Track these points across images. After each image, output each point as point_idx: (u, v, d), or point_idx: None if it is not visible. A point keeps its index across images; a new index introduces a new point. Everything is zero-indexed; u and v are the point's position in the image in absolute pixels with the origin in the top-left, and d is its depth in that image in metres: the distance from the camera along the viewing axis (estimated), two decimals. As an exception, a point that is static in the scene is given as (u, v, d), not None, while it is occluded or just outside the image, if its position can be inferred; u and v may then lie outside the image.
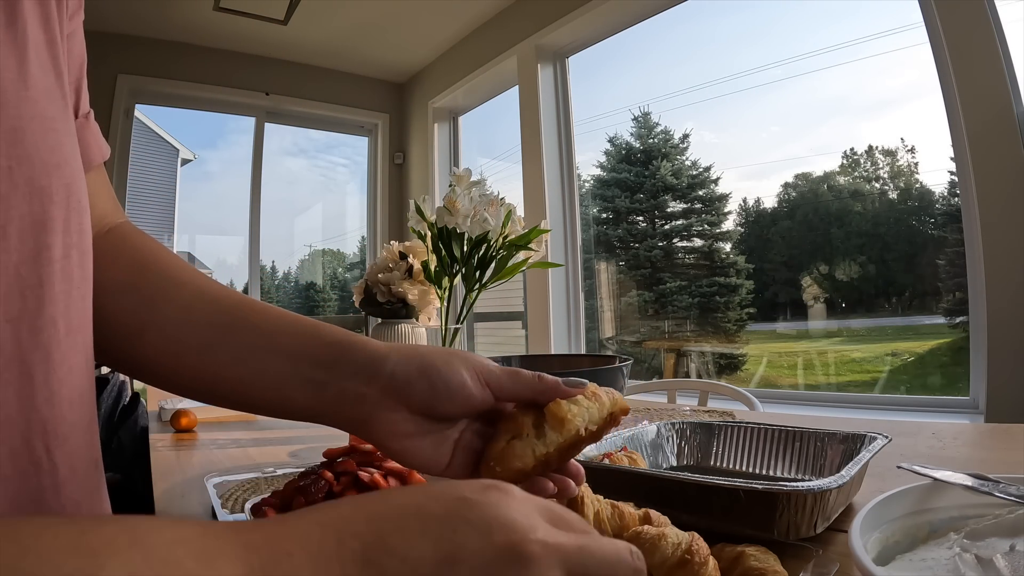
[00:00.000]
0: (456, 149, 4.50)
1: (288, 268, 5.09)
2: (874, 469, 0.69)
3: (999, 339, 1.96)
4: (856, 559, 0.30)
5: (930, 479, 0.41)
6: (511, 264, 1.11)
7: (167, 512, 0.71)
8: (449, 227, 0.98)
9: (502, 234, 1.08)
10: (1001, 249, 1.97)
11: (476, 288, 1.12)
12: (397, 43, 4.15)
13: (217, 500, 0.67)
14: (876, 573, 0.28)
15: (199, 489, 0.75)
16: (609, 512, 0.45)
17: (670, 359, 3.41)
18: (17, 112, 0.34)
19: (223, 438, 1.11)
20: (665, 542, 0.39)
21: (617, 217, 3.62)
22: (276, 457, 0.96)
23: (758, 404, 1.50)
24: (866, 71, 2.66)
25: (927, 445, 0.91)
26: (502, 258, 1.11)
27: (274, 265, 4.96)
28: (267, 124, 4.39)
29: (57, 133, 0.37)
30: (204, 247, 4.68)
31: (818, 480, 0.51)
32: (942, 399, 2.38)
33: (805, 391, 2.99)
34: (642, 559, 0.30)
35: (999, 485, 0.39)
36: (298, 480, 0.59)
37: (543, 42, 3.42)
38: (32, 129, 0.35)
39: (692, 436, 0.83)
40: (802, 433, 0.76)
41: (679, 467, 0.81)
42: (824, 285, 3.09)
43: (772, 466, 0.76)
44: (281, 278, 5.06)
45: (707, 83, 3.22)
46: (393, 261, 1.32)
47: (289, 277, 5.11)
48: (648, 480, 0.61)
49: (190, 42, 3.94)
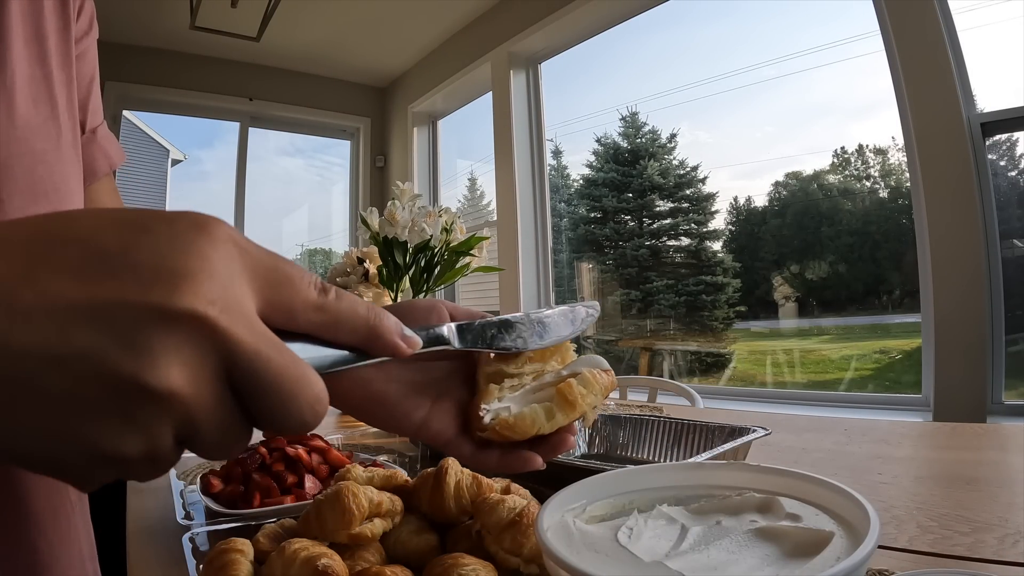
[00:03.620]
0: (435, 152, 4.57)
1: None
2: (757, 456, 0.77)
3: (945, 339, 2.02)
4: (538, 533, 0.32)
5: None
6: (455, 268, 1.20)
7: (136, 486, 0.79)
8: (390, 236, 1.07)
9: (445, 241, 1.17)
10: (946, 248, 2.03)
11: (424, 291, 1.20)
12: (377, 49, 4.22)
13: (173, 472, 0.76)
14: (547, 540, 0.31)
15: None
16: (468, 481, 0.48)
17: (645, 357, 3.47)
18: (7, 151, 0.39)
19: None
20: (502, 506, 0.44)
21: (605, 216, 3.68)
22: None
23: (699, 400, 1.59)
24: (856, 71, 2.68)
25: (833, 441, 0.98)
26: (447, 262, 1.20)
27: (265, 265, 5.01)
28: (251, 128, 4.45)
29: (47, 165, 0.42)
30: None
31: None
32: (898, 397, 2.46)
33: (774, 388, 3.06)
34: (326, 399, 0.25)
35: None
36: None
37: (515, 49, 3.50)
38: (22, 165, 0.40)
39: (602, 427, 0.91)
40: (695, 426, 0.83)
41: (588, 455, 0.89)
42: (811, 283, 3.14)
43: (667, 454, 0.84)
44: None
45: (697, 83, 3.27)
46: (351, 266, 1.40)
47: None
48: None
49: (174, 49, 4.01)
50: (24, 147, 0.40)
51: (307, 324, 0.26)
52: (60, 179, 0.43)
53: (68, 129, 0.45)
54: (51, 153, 0.42)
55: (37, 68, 0.42)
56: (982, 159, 2.02)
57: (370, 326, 0.28)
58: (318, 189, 5.32)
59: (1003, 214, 2.07)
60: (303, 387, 0.24)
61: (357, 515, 0.42)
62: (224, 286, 0.22)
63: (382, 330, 0.28)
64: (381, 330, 0.28)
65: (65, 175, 0.44)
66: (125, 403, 0.20)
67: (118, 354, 0.20)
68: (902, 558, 0.48)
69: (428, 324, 0.35)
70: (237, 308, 0.22)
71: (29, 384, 0.20)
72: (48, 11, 0.45)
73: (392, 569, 0.41)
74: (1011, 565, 0.46)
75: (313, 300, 0.26)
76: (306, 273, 0.26)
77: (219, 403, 0.22)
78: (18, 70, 0.40)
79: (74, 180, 0.46)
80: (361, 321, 0.28)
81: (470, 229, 1.33)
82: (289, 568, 0.39)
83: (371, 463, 0.74)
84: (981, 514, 0.57)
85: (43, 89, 0.43)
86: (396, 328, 0.29)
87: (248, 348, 0.22)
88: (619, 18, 3.20)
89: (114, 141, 0.57)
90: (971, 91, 2.08)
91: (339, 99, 4.70)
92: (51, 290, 0.20)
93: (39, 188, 0.41)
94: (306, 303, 0.26)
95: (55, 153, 0.43)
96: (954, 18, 2.08)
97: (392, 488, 0.48)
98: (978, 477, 0.71)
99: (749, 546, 0.31)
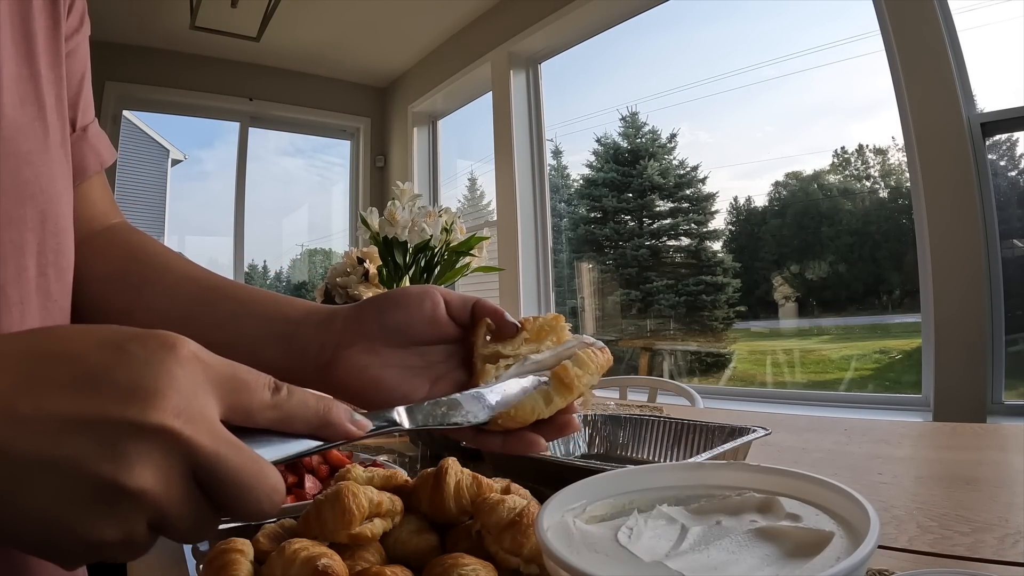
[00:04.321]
0: (435, 152, 4.57)
1: (280, 268, 5.17)
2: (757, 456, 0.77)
3: (945, 339, 2.02)
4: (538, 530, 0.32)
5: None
6: (455, 268, 1.20)
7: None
8: (390, 236, 1.07)
9: (445, 241, 1.17)
10: (946, 248, 2.03)
11: (424, 291, 1.20)
12: (377, 49, 4.22)
13: None
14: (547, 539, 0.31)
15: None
16: (468, 482, 0.48)
17: (645, 357, 3.47)
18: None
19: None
20: (502, 506, 0.44)
21: (605, 216, 3.68)
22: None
23: (699, 400, 1.59)
24: (856, 71, 2.69)
25: (833, 441, 0.98)
26: (447, 262, 1.20)
27: (266, 265, 5.03)
28: (251, 128, 4.45)
29: (33, 166, 0.42)
30: (194, 247, 4.74)
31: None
32: (898, 397, 2.46)
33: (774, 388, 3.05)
34: (282, 488, 0.28)
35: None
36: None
37: (515, 49, 3.50)
38: (7, 166, 0.40)
39: (603, 427, 0.91)
40: (695, 426, 0.83)
41: (588, 455, 0.89)
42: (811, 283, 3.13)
43: (667, 454, 0.84)
44: (273, 278, 5.12)
45: (697, 83, 3.27)
46: (351, 266, 1.40)
47: (281, 277, 5.17)
48: (535, 463, 0.69)
49: (174, 49, 4.01)
50: (10, 148, 0.40)
51: (264, 421, 0.29)
52: (47, 181, 0.43)
53: (56, 130, 0.45)
54: (38, 154, 0.42)
55: (24, 67, 0.42)
56: (982, 159, 2.02)
57: (320, 416, 0.31)
58: (318, 189, 5.33)
59: (1003, 214, 2.07)
60: (260, 480, 0.27)
61: (357, 515, 0.42)
62: (188, 399, 0.25)
63: (332, 419, 0.31)
64: (331, 418, 0.31)
65: (52, 176, 0.44)
66: (105, 499, 0.24)
67: (100, 459, 0.24)
68: (902, 558, 0.48)
69: (379, 410, 0.36)
70: (200, 417, 0.26)
71: (27, 482, 0.23)
72: (37, 9, 0.44)
73: (392, 569, 0.40)
74: (1011, 565, 0.46)
75: (267, 401, 0.29)
76: (261, 376, 0.29)
77: (186, 497, 0.26)
78: (4, 70, 0.40)
79: (61, 181, 0.45)
80: (312, 413, 0.30)
81: (470, 229, 1.33)
82: (289, 568, 0.39)
83: (371, 463, 0.74)
84: (981, 514, 0.57)
85: (30, 89, 0.42)
86: (346, 415, 0.32)
87: (209, 452, 0.25)
88: (619, 18, 3.20)
89: (105, 139, 0.57)
90: (971, 91, 2.08)
91: (339, 99, 4.70)
92: (46, 404, 0.24)
93: (25, 190, 0.41)
94: (262, 404, 0.29)
95: (42, 154, 0.42)
96: (954, 18, 2.08)
97: (392, 488, 0.48)
98: (978, 477, 0.71)
99: (749, 546, 0.31)
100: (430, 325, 0.42)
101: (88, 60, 0.53)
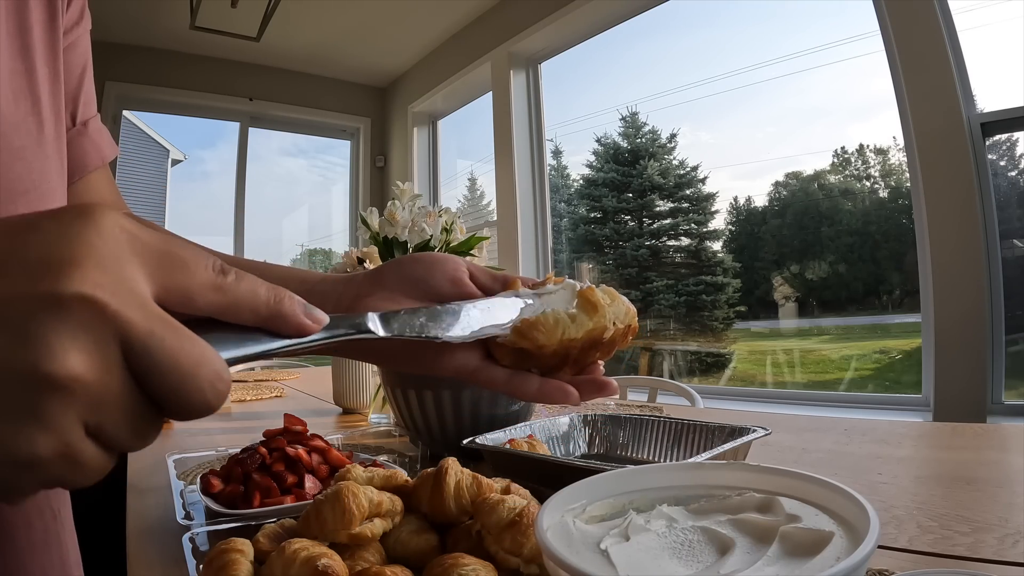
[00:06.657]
0: (435, 152, 4.58)
1: (279, 268, 5.16)
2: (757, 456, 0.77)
3: (945, 338, 2.02)
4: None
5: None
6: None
7: (136, 486, 0.79)
8: (390, 236, 1.06)
9: (445, 241, 1.17)
10: (946, 248, 2.03)
11: (424, 291, 1.20)
12: (377, 49, 4.22)
13: (174, 472, 0.76)
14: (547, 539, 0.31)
15: (166, 465, 0.83)
16: (468, 482, 0.48)
17: (645, 357, 3.48)
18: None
19: (195, 427, 1.19)
20: (502, 506, 0.44)
21: (604, 216, 3.68)
22: (238, 443, 1.04)
23: (699, 400, 1.59)
24: (856, 71, 2.69)
25: (833, 441, 0.98)
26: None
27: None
28: (251, 128, 4.45)
29: (26, 162, 0.41)
30: (193, 248, 4.73)
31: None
32: (898, 397, 2.46)
33: (774, 388, 3.06)
34: (227, 376, 0.25)
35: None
36: (239, 455, 0.68)
37: (515, 49, 3.51)
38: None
39: (602, 427, 0.91)
40: (695, 426, 0.83)
41: (589, 455, 0.89)
42: (811, 283, 3.13)
43: (667, 454, 0.84)
44: (272, 278, 5.11)
45: (697, 83, 3.27)
46: (351, 266, 1.40)
47: (280, 277, 5.17)
48: (535, 463, 0.69)
49: (174, 49, 4.01)
50: (1, 143, 0.39)
51: (206, 306, 0.26)
52: (39, 176, 0.42)
53: (51, 125, 0.44)
54: (30, 150, 0.41)
55: (19, 62, 0.41)
56: (982, 159, 2.02)
57: (270, 306, 0.27)
58: (318, 189, 5.33)
59: (1003, 214, 2.07)
60: (201, 366, 0.23)
61: (357, 515, 0.42)
62: (112, 270, 0.22)
63: (284, 308, 0.28)
64: (283, 308, 0.28)
65: (45, 172, 0.43)
66: (28, 397, 0.20)
67: (13, 348, 0.20)
68: (902, 558, 0.48)
69: (350, 314, 0.34)
70: (127, 291, 0.22)
71: None
72: (34, 3, 0.44)
73: (392, 569, 0.41)
74: (1011, 565, 0.46)
75: (211, 281, 0.25)
76: (204, 255, 0.26)
77: (123, 387, 0.22)
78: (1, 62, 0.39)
79: (55, 177, 0.44)
80: (262, 301, 0.27)
81: (470, 229, 1.33)
82: (289, 568, 0.39)
83: (371, 463, 0.74)
84: (981, 514, 0.57)
85: (24, 84, 0.42)
86: (300, 307, 0.28)
87: (141, 329, 0.22)
88: (619, 18, 3.20)
89: (106, 134, 0.56)
90: (971, 91, 2.08)
91: (339, 99, 4.70)
92: None
93: (17, 186, 0.40)
94: (203, 285, 0.25)
95: (35, 150, 0.42)
96: (954, 18, 2.08)
97: (392, 488, 0.48)
98: (978, 477, 0.71)
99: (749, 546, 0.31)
100: (451, 284, 0.42)
101: (89, 54, 0.52)
